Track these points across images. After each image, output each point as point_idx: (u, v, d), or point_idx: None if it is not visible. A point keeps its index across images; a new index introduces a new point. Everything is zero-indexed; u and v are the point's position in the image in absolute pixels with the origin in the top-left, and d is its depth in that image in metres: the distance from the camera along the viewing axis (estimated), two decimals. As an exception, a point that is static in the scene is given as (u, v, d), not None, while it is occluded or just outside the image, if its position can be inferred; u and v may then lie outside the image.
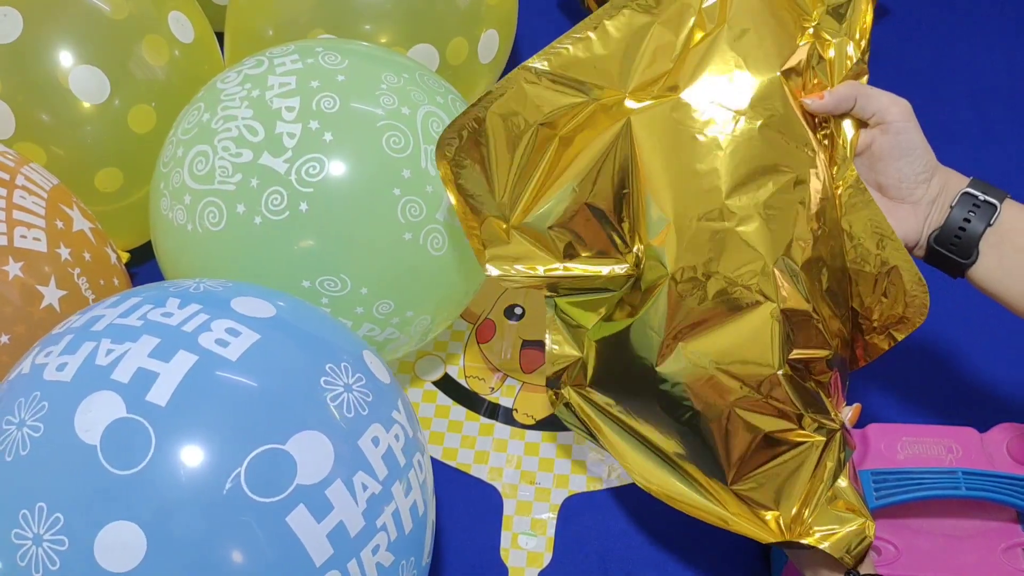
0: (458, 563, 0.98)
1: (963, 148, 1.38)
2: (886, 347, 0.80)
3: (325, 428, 0.65)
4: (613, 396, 0.83)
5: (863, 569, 0.73)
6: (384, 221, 0.85)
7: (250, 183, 0.84)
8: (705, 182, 0.75)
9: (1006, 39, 1.54)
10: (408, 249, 0.87)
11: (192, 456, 0.60)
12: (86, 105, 0.99)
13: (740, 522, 0.78)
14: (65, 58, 0.98)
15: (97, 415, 0.61)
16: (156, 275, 1.00)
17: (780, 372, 0.74)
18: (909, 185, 0.74)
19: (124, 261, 1.10)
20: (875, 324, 0.79)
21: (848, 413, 0.80)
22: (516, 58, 1.41)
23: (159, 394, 0.61)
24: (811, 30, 0.78)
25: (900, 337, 0.78)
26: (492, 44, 1.19)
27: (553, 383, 0.86)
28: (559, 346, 0.84)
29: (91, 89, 0.99)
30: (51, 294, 0.82)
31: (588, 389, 0.84)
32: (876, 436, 0.94)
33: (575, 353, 0.84)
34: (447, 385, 1.11)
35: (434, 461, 1.04)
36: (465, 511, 1.01)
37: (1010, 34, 1.55)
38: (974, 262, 0.72)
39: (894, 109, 0.74)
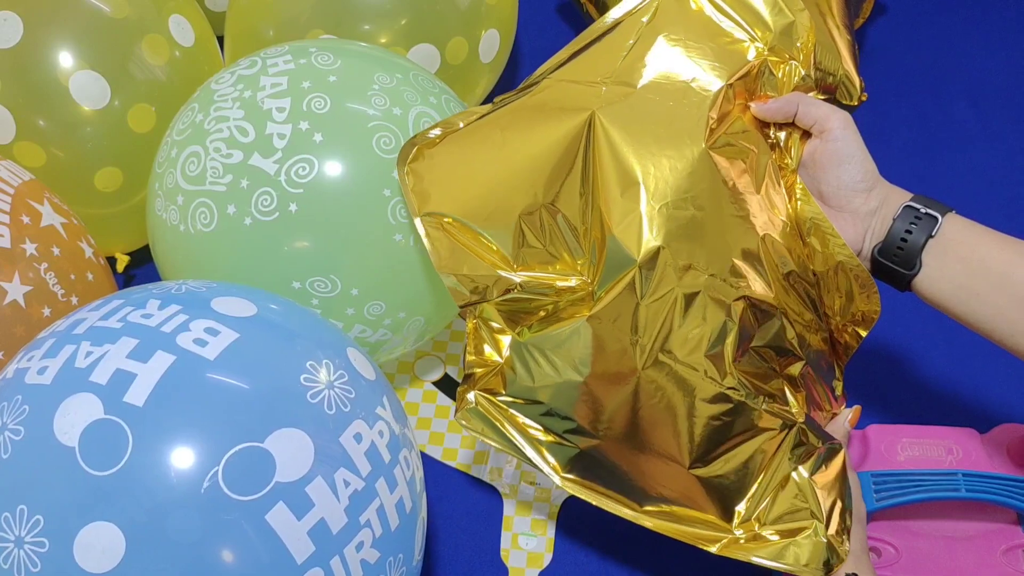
0: (458, 563, 0.98)
1: (962, 147, 1.37)
2: (856, 344, 0.80)
3: (305, 425, 0.66)
4: (546, 399, 0.80)
5: (862, 572, 0.73)
6: (374, 222, 0.85)
7: (240, 184, 0.84)
8: (673, 170, 0.77)
9: (1006, 37, 1.53)
10: (399, 250, 0.87)
11: (169, 455, 0.60)
12: (86, 109, 1.00)
13: (688, 526, 0.78)
14: (65, 62, 0.98)
15: (76, 417, 0.61)
16: (156, 277, 1.01)
17: (740, 359, 0.76)
18: (847, 193, 0.76)
19: (124, 263, 1.11)
20: (839, 322, 0.79)
21: (848, 415, 0.80)
22: (516, 57, 1.41)
23: (136, 395, 0.62)
24: (758, 45, 0.82)
25: (864, 333, 0.79)
26: (493, 44, 1.19)
27: (463, 381, 0.83)
28: (478, 353, 0.82)
29: (92, 94, 1.00)
30: (15, 289, 0.83)
31: (505, 395, 0.81)
32: (876, 437, 0.94)
33: (496, 359, 0.81)
34: (447, 385, 1.11)
35: (434, 461, 1.04)
36: (465, 511, 1.01)
37: (1010, 32, 1.54)
38: (917, 273, 0.74)
39: (834, 117, 0.76)
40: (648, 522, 0.79)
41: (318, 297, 0.87)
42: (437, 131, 0.83)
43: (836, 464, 0.76)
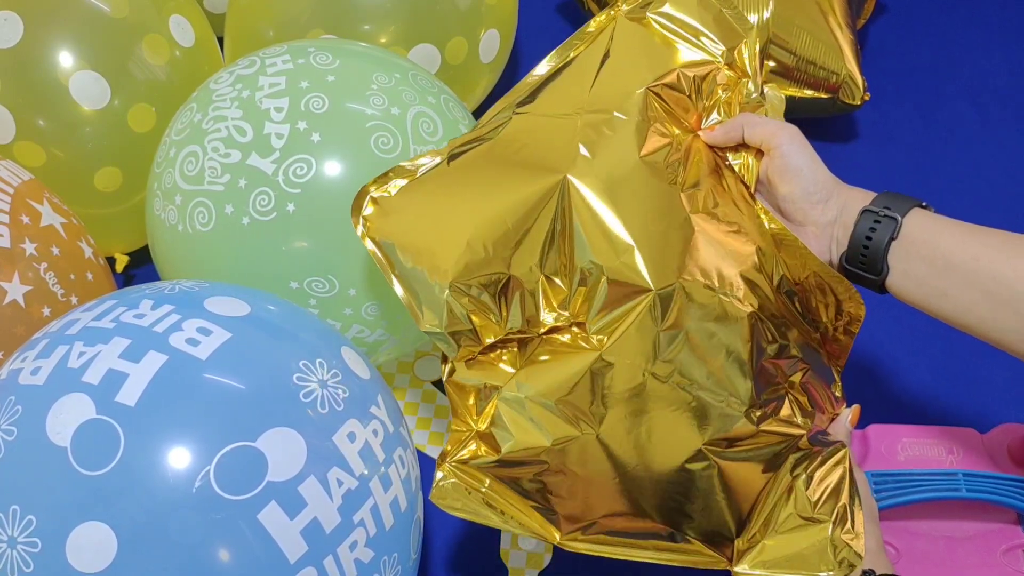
0: (458, 563, 0.98)
1: (963, 146, 1.37)
2: (848, 344, 0.80)
3: (297, 425, 0.66)
4: (548, 457, 0.74)
5: (879, 569, 0.72)
6: (372, 222, 0.85)
7: (238, 184, 0.85)
8: (661, 193, 0.76)
9: (1006, 36, 1.53)
10: (396, 250, 0.87)
11: (161, 455, 0.61)
12: (86, 109, 1.00)
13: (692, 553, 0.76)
14: (65, 62, 0.99)
15: (68, 417, 0.61)
16: (155, 277, 1.01)
17: (757, 376, 0.74)
18: (803, 206, 0.76)
19: (124, 263, 1.11)
20: (829, 327, 0.79)
21: (848, 415, 0.79)
22: (516, 58, 1.41)
23: (128, 395, 0.62)
24: (716, 55, 0.83)
25: (855, 330, 0.78)
26: (493, 44, 1.19)
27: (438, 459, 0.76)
28: (457, 416, 0.75)
29: (92, 94, 1.00)
30: (14, 289, 0.83)
31: (489, 459, 0.74)
32: (877, 437, 0.93)
33: (471, 425, 0.75)
34: (447, 385, 1.11)
35: (434, 461, 1.04)
36: (465, 511, 1.01)
37: (1010, 31, 1.53)
38: (886, 276, 0.73)
39: (779, 133, 0.76)
40: (657, 557, 0.76)
41: (316, 297, 0.87)
42: (397, 179, 0.79)
43: (839, 464, 0.76)
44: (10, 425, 0.62)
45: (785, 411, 0.76)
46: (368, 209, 0.77)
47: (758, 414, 0.74)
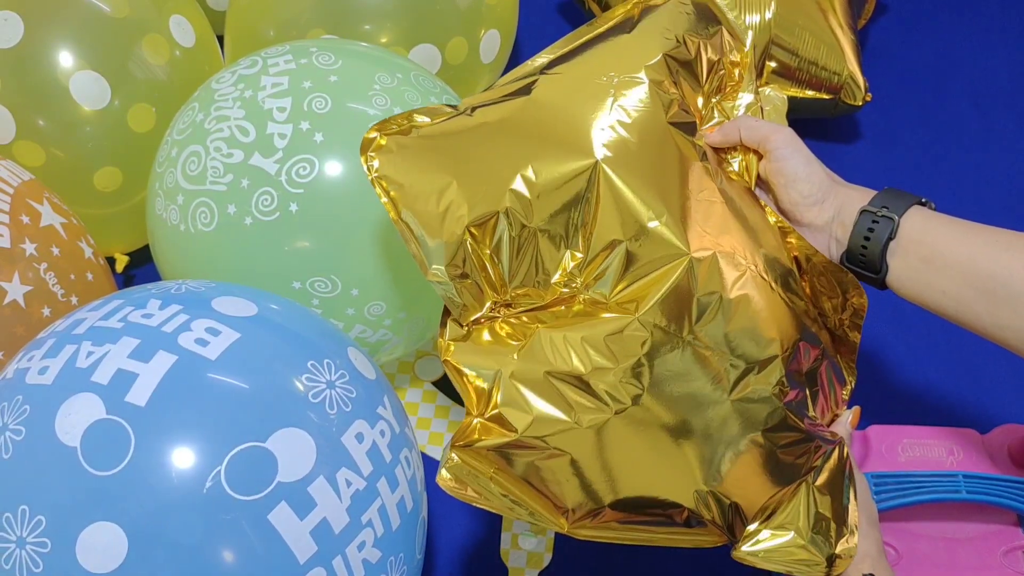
0: (458, 563, 0.98)
1: (965, 146, 1.38)
2: (857, 338, 0.80)
3: (306, 425, 0.66)
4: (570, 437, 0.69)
5: (879, 573, 0.73)
6: (375, 222, 0.85)
7: (241, 184, 0.84)
8: (687, 162, 0.75)
9: (1007, 36, 1.53)
10: (399, 250, 0.87)
11: (172, 455, 0.61)
12: (86, 109, 1.00)
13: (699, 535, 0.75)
14: (65, 62, 0.98)
15: (77, 417, 0.61)
16: (156, 277, 1.01)
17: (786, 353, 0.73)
18: (799, 208, 0.77)
19: (124, 263, 1.11)
20: (833, 319, 0.79)
21: (849, 416, 0.80)
22: (516, 58, 1.41)
23: (138, 395, 0.62)
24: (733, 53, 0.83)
25: (860, 323, 0.78)
26: (493, 44, 1.19)
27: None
28: (467, 405, 0.69)
29: (92, 94, 1.00)
30: (15, 290, 0.83)
31: (500, 440, 0.68)
32: (877, 438, 0.93)
33: (476, 413, 0.69)
34: (447, 385, 1.11)
35: (434, 461, 1.04)
36: (465, 511, 1.01)
37: (1011, 31, 1.54)
38: (885, 275, 0.74)
39: (774, 137, 0.77)
40: (664, 539, 0.75)
41: (318, 297, 0.86)
42: (416, 117, 0.74)
43: (838, 462, 0.76)
44: (18, 425, 0.62)
45: (800, 400, 0.76)
46: (378, 150, 0.71)
47: (784, 396, 0.73)
